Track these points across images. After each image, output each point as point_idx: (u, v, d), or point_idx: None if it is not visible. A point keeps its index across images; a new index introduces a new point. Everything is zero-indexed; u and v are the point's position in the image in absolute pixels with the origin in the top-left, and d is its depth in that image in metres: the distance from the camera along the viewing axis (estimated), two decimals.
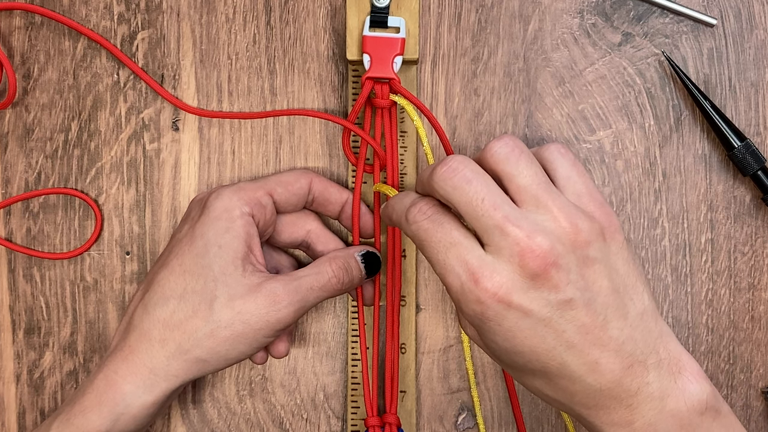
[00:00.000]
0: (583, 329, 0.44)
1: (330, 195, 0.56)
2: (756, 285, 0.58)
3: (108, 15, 0.59)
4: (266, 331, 0.51)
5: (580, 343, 0.44)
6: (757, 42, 0.58)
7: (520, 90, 0.58)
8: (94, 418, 0.50)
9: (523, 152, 0.45)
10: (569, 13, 0.58)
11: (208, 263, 0.51)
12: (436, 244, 0.45)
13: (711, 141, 0.58)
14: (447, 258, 0.44)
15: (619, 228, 0.46)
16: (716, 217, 0.58)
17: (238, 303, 0.50)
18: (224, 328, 0.50)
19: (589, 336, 0.44)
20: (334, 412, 0.59)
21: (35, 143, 0.59)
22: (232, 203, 0.52)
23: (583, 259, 0.44)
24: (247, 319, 0.50)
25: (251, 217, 0.53)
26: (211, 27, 0.59)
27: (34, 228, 0.60)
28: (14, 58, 0.59)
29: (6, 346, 0.60)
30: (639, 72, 0.58)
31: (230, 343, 0.50)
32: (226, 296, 0.50)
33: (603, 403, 0.44)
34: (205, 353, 0.51)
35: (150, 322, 0.51)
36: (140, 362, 0.51)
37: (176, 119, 0.59)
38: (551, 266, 0.43)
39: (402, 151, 0.58)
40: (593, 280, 0.44)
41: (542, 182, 0.45)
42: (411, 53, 0.56)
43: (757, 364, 0.58)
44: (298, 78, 0.59)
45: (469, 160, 0.45)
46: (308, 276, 0.52)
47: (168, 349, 0.50)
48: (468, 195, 0.44)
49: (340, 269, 0.53)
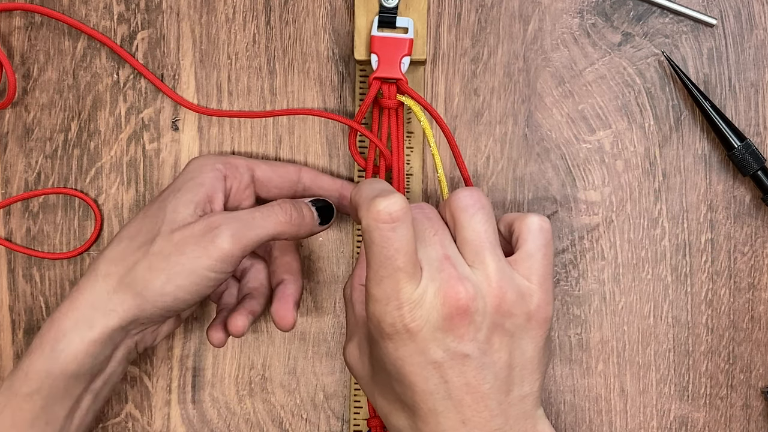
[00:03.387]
0: (465, 387, 0.45)
1: (323, 183, 0.56)
2: (756, 285, 0.58)
3: (108, 15, 0.59)
4: (204, 260, 0.49)
5: (458, 398, 0.45)
6: (757, 42, 0.58)
7: (520, 90, 0.58)
8: (35, 358, 0.50)
9: (482, 209, 0.47)
10: (569, 13, 0.58)
11: (164, 206, 0.51)
12: (384, 258, 0.44)
13: (711, 141, 0.58)
14: (386, 277, 0.44)
15: (548, 321, 0.47)
16: (716, 217, 0.58)
17: (177, 234, 0.50)
18: (161, 259, 0.49)
19: (468, 396, 0.45)
20: (334, 412, 0.59)
21: (35, 143, 0.59)
22: (207, 160, 0.54)
23: (496, 326, 0.46)
24: (183, 248, 0.49)
25: (221, 174, 0.53)
26: (211, 27, 0.59)
27: (33, 228, 0.60)
28: (14, 58, 0.59)
29: (6, 346, 0.60)
30: (639, 72, 0.58)
31: (166, 275, 0.49)
32: (168, 231, 0.50)
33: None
34: (141, 286, 0.49)
35: (99, 260, 0.51)
36: (82, 299, 0.50)
37: (176, 119, 0.59)
38: (466, 315, 0.44)
39: (408, 152, 0.58)
40: (496, 348, 0.46)
41: (488, 242, 0.46)
42: (419, 54, 0.55)
43: (757, 364, 0.58)
44: (298, 78, 0.59)
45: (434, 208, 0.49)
46: (252, 209, 0.52)
47: (109, 283, 0.50)
48: (424, 226, 0.47)
49: (289, 206, 0.52)
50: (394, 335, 0.45)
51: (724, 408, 0.58)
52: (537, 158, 0.58)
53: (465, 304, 0.44)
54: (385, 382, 0.47)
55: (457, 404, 0.45)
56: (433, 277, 0.45)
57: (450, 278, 0.45)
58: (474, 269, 0.46)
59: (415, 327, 0.44)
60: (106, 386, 0.53)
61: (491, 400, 0.45)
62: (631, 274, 0.58)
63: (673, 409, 0.59)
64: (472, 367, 0.45)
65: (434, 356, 0.45)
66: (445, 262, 0.45)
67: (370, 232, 0.44)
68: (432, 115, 0.54)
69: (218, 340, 0.54)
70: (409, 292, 0.44)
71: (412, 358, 0.45)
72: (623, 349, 0.59)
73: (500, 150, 0.58)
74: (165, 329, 0.55)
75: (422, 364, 0.45)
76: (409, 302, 0.44)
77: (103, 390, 0.53)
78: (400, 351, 0.45)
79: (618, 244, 0.58)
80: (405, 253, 0.44)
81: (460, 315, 0.44)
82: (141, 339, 0.53)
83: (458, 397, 0.45)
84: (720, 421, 0.58)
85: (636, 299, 0.58)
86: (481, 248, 0.46)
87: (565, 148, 0.58)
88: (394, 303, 0.44)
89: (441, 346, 0.45)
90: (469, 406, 0.45)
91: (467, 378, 0.45)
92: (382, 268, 0.44)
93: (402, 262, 0.44)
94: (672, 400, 0.58)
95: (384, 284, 0.44)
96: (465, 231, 0.46)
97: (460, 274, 0.45)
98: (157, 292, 0.49)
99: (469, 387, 0.45)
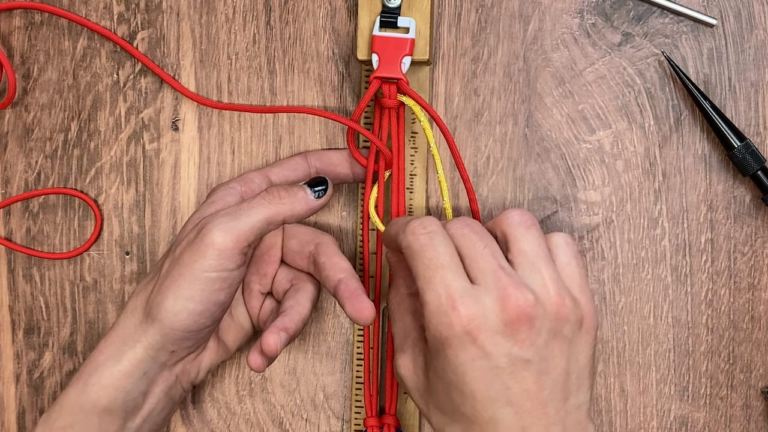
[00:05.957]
0: (526, 394, 0.45)
1: (331, 158, 0.56)
2: (756, 285, 0.58)
3: (108, 15, 0.59)
4: (200, 262, 0.49)
5: (518, 404, 0.45)
6: (757, 42, 0.58)
7: (520, 90, 0.58)
8: (70, 392, 0.51)
9: (535, 225, 0.47)
10: (569, 13, 0.58)
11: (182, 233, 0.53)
12: (428, 260, 0.46)
13: (711, 141, 0.58)
14: (433, 276, 0.45)
15: (596, 326, 0.48)
16: (716, 217, 0.58)
17: (178, 250, 0.51)
18: (166, 278, 0.50)
19: (528, 403, 0.45)
20: (334, 412, 0.59)
21: (35, 143, 0.59)
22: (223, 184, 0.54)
23: (555, 331, 0.46)
24: (180, 259, 0.50)
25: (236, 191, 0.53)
26: (211, 27, 0.59)
27: (33, 228, 0.60)
28: (14, 58, 0.59)
29: (6, 346, 0.60)
30: (639, 72, 0.58)
31: (173, 292, 0.49)
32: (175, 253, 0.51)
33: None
34: (156, 310, 0.50)
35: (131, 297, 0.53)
36: (115, 334, 0.52)
37: (176, 119, 0.59)
38: (527, 321, 0.44)
39: (412, 152, 0.58)
40: (555, 354, 0.46)
41: (543, 253, 0.47)
42: (420, 54, 0.55)
43: (757, 364, 0.58)
44: (298, 78, 0.59)
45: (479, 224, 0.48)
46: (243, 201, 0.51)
47: (136, 317, 0.51)
48: (473, 240, 0.46)
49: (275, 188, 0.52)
50: (453, 339, 0.45)
51: (724, 408, 0.58)
52: (537, 158, 0.58)
53: (525, 309, 0.44)
54: (443, 394, 0.47)
55: (518, 411, 0.45)
56: (490, 287, 0.45)
57: (508, 285, 0.45)
58: (530, 278, 0.46)
59: (473, 328, 0.44)
60: (146, 424, 0.52)
61: (550, 407, 0.45)
62: (631, 274, 0.58)
63: (673, 409, 0.59)
64: (533, 372, 0.45)
65: (496, 361, 0.44)
66: (500, 271, 0.45)
67: (410, 245, 0.47)
68: (431, 116, 0.54)
69: (255, 363, 0.52)
70: (459, 286, 0.45)
71: (473, 362, 0.45)
72: (623, 349, 0.59)
73: (500, 150, 0.58)
74: (207, 360, 0.55)
75: (484, 369, 0.45)
76: (461, 297, 0.44)
77: (143, 428, 0.52)
78: (461, 357, 0.45)
79: (618, 244, 0.58)
80: (446, 254, 0.46)
81: (521, 320, 0.44)
82: (182, 372, 0.53)
83: (519, 403, 0.45)
84: (720, 421, 0.58)
85: (636, 299, 0.58)
86: (536, 258, 0.46)
87: (565, 148, 0.58)
88: (447, 302, 0.45)
89: (502, 350, 0.44)
90: (529, 412, 0.45)
91: (527, 384, 0.45)
92: (428, 270, 0.45)
93: (445, 261, 0.45)
94: (672, 400, 0.58)
95: (433, 284, 0.45)
96: (521, 243, 0.47)
97: (517, 281, 0.45)
98: (170, 312, 0.50)
99: (529, 393, 0.45)
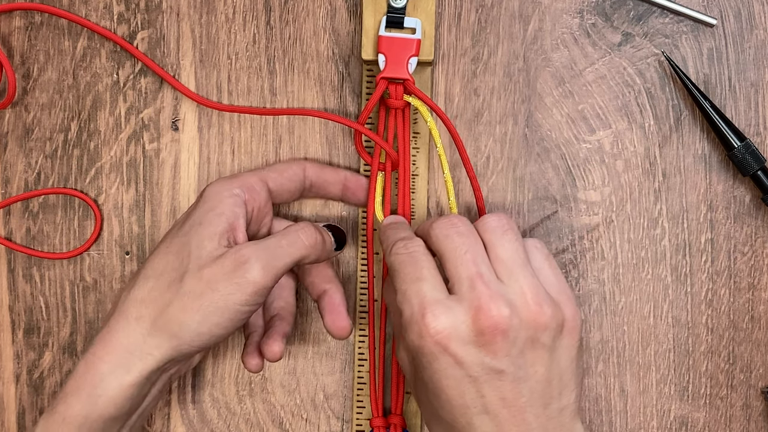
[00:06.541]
0: (502, 402, 0.45)
1: (327, 176, 0.56)
2: (756, 285, 0.58)
3: (108, 15, 0.59)
4: (238, 296, 0.49)
5: (495, 412, 0.46)
6: (757, 42, 0.58)
7: (520, 90, 0.58)
8: (73, 403, 0.50)
9: (512, 229, 0.48)
10: (569, 13, 0.58)
11: (187, 240, 0.51)
12: (405, 275, 0.47)
13: (711, 141, 0.58)
14: (408, 288, 0.47)
15: (580, 327, 0.48)
16: (716, 217, 0.58)
17: (206, 272, 0.49)
18: (194, 299, 0.49)
19: (505, 410, 0.46)
20: (334, 412, 0.59)
21: (35, 143, 0.59)
22: (223, 187, 0.53)
23: (532, 340, 0.46)
24: (215, 286, 0.49)
25: (241, 199, 0.52)
26: (211, 27, 0.59)
27: (33, 228, 0.60)
28: (14, 58, 0.59)
29: (5, 346, 0.60)
30: (639, 72, 0.58)
31: (201, 315, 0.49)
32: (196, 268, 0.49)
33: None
34: (177, 328, 0.49)
35: (129, 301, 0.51)
36: (117, 342, 0.50)
37: (176, 119, 0.59)
38: (499, 333, 0.45)
39: (414, 152, 0.58)
40: (532, 362, 0.46)
41: (520, 259, 0.47)
42: (426, 54, 0.55)
43: (757, 364, 0.58)
44: (298, 78, 0.59)
45: (468, 221, 0.49)
46: (276, 237, 0.51)
47: (143, 326, 0.50)
48: (455, 244, 0.47)
49: (312, 230, 0.52)
50: (425, 348, 0.46)
51: (724, 408, 0.58)
52: (537, 158, 0.58)
53: (497, 321, 0.45)
54: (424, 396, 0.48)
55: (494, 418, 0.46)
56: (464, 297, 0.46)
57: (482, 296, 0.45)
58: (508, 285, 0.47)
59: (442, 338, 0.45)
60: (141, 418, 0.53)
61: (529, 413, 0.46)
62: (631, 274, 0.58)
63: (673, 409, 0.59)
64: (508, 381, 0.45)
65: (470, 370, 0.45)
66: (477, 280, 0.46)
67: (392, 264, 0.49)
68: (439, 116, 0.54)
69: (255, 366, 0.54)
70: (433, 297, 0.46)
71: (447, 371, 0.46)
72: (623, 349, 0.59)
73: (500, 150, 0.58)
74: (197, 358, 0.56)
75: (457, 377, 0.45)
76: (432, 307, 0.45)
77: (138, 421, 0.53)
78: (434, 365, 0.46)
79: (618, 244, 0.58)
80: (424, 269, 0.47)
81: (493, 332, 0.45)
82: (176, 372, 0.54)
83: (495, 411, 0.46)
84: (720, 421, 0.58)
85: (636, 299, 0.58)
86: (514, 266, 0.47)
87: (565, 148, 0.58)
88: (418, 311, 0.46)
89: (475, 360, 0.45)
90: (507, 419, 0.46)
91: (503, 392, 0.45)
92: (404, 284, 0.47)
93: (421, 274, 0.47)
94: (672, 400, 0.58)
95: (408, 296, 0.46)
96: (497, 249, 0.47)
97: (493, 291, 0.46)
98: (194, 332, 0.49)
99: (506, 401, 0.45)
